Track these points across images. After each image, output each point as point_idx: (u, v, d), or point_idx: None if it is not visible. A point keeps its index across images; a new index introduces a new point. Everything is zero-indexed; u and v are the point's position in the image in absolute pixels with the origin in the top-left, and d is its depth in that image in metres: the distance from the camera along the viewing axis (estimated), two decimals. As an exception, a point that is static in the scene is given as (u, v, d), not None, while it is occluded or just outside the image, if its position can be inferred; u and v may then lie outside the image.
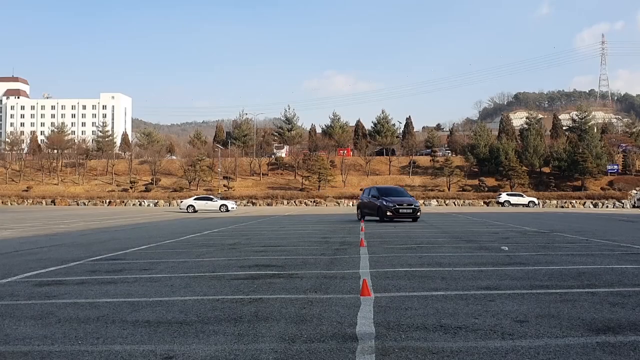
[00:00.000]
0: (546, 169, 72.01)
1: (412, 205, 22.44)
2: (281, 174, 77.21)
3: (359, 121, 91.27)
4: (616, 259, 9.33)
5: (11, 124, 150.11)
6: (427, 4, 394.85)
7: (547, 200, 61.32)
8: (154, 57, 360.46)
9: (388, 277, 7.35)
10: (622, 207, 58.65)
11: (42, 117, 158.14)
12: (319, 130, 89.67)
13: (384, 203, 22.26)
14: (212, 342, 4.21)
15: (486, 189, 66.53)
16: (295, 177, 74.06)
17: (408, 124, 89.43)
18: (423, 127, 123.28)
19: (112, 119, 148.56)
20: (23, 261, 9.60)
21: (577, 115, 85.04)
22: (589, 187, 65.86)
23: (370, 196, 24.16)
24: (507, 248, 11.16)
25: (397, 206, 22.03)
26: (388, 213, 21.89)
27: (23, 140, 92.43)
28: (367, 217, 24.01)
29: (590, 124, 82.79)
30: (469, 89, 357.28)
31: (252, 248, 11.84)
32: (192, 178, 71.78)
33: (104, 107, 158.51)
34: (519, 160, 69.54)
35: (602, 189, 65.31)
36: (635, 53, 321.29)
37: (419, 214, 22.63)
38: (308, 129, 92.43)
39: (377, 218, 22.83)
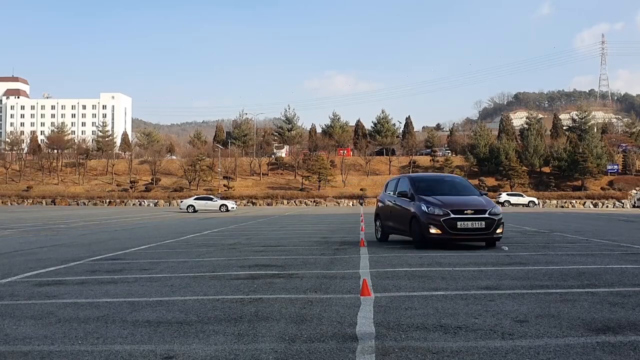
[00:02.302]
0: (546, 169, 72.01)
1: (486, 212, 10.87)
2: (281, 174, 77.22)
3: (359, 121, 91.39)
4: (616, 259, 9.32)
5: (11, 124, 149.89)
6: (427, 4, 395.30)
7: (547, 200, 61.34)
8: (154, 57, 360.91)
9: (388, 277, 7.35)
10: (622, 207, 58.64)
11: (42, 117, 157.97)
12: (319, 130, 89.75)
13: (424, 208, 10.92)
14: (212, 342, 4.21)
15: (486, 188, 66.29)
16: (295, 177, 74.04)
17: (408, 124, 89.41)
18: (423, 127, 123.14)
19: (112, 119, 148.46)
20: (23, 261, 9.60)
21: (577, 115, 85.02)
22: (589, 187, 65.87)
23: (397, 194, 12.51)
24: (507, 248, 11.15)
25: (454, 215, 10.63)
26: (432, 230, 10.66)
27: (23, 140, 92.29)
28: (395, 236, 13.01)
29: (590, 124, 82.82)
30: (469, 89, 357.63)
31: (252, 248, 11.84)
32: (192, 178, 71.79)
33: (104, 107, 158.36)
34: (519, 160, 69.55)
35: (602, 189, 65.32)
36: (635, 53, 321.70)
37: (499, 230, 11.02)
38: (308, 129, 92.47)
39: (411, 238, 11.57)
